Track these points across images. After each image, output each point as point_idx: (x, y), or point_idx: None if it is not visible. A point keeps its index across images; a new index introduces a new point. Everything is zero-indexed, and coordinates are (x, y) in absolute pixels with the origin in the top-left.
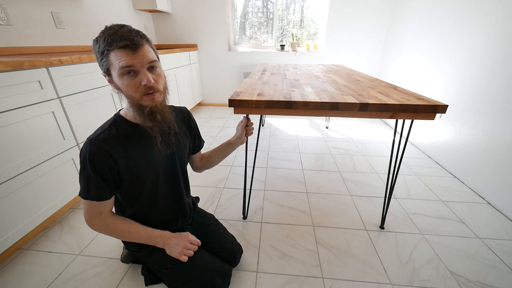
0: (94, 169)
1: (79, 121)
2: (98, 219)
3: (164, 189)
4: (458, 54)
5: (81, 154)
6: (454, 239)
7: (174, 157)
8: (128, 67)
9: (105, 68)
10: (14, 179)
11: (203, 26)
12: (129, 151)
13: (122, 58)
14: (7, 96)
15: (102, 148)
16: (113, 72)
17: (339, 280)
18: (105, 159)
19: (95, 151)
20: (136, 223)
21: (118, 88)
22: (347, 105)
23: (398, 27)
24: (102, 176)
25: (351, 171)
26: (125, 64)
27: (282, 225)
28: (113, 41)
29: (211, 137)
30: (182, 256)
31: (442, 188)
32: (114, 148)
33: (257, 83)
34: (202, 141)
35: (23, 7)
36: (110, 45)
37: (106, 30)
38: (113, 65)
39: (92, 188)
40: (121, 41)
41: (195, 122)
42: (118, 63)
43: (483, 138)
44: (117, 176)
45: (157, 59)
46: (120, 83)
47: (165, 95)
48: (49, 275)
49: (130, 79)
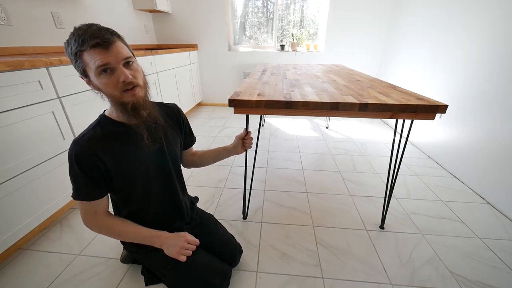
0: (81, 168)
1: (79, 121)
2: (93, 219)
3: (157, 187)
4: (458, 54)
5: (68, 157)
6: (454, 239)
7: (164, 154)
8: (103, 66)
9: (81, 70)
10: (14, 179)
11: (203, 26)
12: (115, 150)
13: (96, 57)
14: (7, 96)
15: (87, 147)
16: (90, 73)
17: (339, 280)
18: (91, 158)
19: (80, 151)
20: (132, 223)
21: (97, 88)
22: (347, 105)
23: (398, 27)
24: (89, 175)
25: (351, 171)
26: (100, 63)
27: (282, 225)
28: (84, 41)
29: (211, 137)
30: (181, 256)
31: (442, 188)
32: (100, 147)
33: (257, 83)
34: (194, 138)
35: (23, 7)
36: (81, 46)
37: (76, 31)
38: (88, 65)
39: (82, 189)
40: (92, 39)
41: (186, 119)
42: (93, 63)
43: (483, 138)
44: (106, 174)
45: (132, 55)
46: (98, 82)
47: (146, 89)
48: (49, 275)
49: (107, 78)
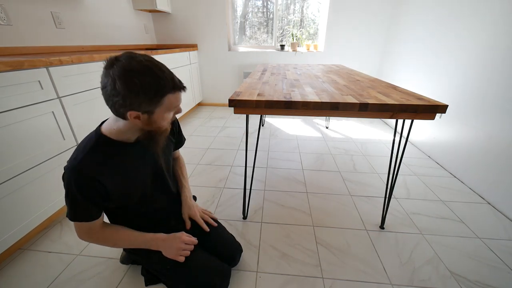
0: (81, 194)
1: (79, 121)
2: (88, 234)
3: (152, 193)
4: (458, 53)
5: (64, 181)
6: (454, 239)
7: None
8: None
9: (150, 108)
10: (14, 179)
11: (203, 26)
12: (115, 171)
13: (178, 98)
14: (7, 96)
15: (86, 175)
16: (158, 110)
17: (339, 280)
18: (91, 184)
19: (79, 179)
20: (127, 230)
21: (147, 123)
22: (347, 105)
23: (398, 27)
24: (88, 199)
25: (351, 171)
26: (179, 103)
27: (282, 225)
28: (175, 84)
29: (211, 137)
30: (179, 257)
31: (442, 188)
32: (100, 171)
33: (257, 83)
34: (183, 138)
35: (23, 7)
36: (173, 88)
37: (155, 70)
38: (164, 105)
39: (79, 211)
40: (179, 83)
41: (177, 121)
42: (174, 103)
43: (483, 138)
44: (105, 195)
45: None
46: (161, 118)
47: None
48: (49, 275)
49: (171, 114)
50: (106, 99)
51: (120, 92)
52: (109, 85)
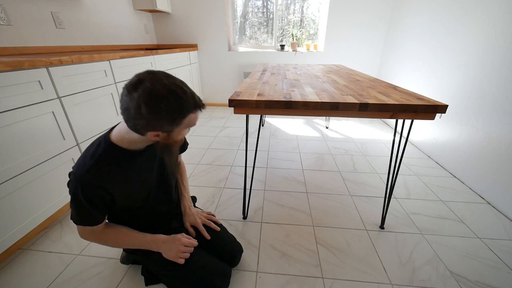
0: (87, 201)
1: (79, 121)
2: (90, 236)
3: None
4: (458, 53)
5: (71, 187)
6: (454, 239)
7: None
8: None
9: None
10: (14, 179)
11: (203, 26)
12: (122, 179)
13: (197, 116)
14: (7, 96)
15: (94, 183)
16: (178, 129)
17: (339, 280)
18: (98, 192)
19: (86, 187)
20: (128, 231)
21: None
22: (347, 105)
23: (398, 27)
24: (94, 206)
25: (351, 171)
26: (197, 120)
27: (282, 225)
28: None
29: (211, 137)
30: (179, 259)
31: (442, 188)
32: (107, 180)
33: (257, 83)
34: (186, 142)
35: (23, 7)
36: (194, 108)
37: (179, 93)
38: (184, 124)
39: (84, 216)
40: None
41: None
42: (194, 120)
43: (483, 138)
44: (111, 201)
45: None
46: (178, 134)
47: None
48: (49, 275)
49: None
50: (127, 119)
51: (144, 116)
52: (133, 108)
